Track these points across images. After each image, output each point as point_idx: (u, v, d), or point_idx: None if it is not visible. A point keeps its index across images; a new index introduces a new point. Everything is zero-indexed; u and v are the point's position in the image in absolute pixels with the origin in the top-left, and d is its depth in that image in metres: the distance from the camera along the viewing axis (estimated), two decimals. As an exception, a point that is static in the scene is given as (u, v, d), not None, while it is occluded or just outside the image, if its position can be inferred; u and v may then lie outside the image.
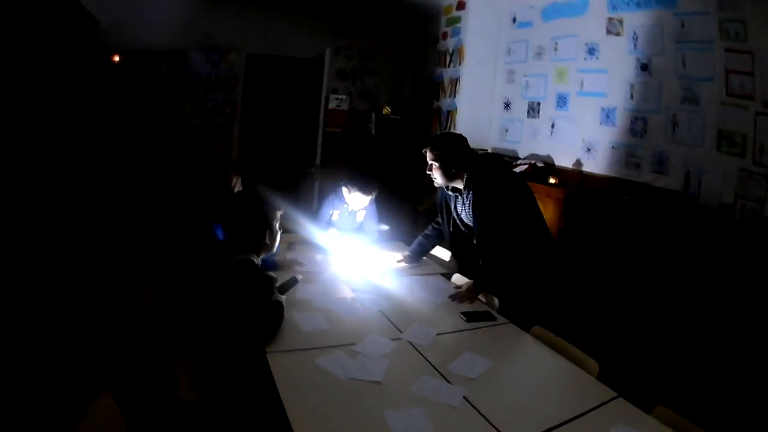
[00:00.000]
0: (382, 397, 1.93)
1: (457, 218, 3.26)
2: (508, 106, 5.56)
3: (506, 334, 2.64)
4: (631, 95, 4.03)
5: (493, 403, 1.93)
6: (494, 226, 2.94)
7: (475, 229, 3.07)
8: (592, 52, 4.41)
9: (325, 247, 3.73)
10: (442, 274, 3.52)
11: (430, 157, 3.10)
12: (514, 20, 5.49)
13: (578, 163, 4.50)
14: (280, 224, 2.51)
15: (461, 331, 2.62)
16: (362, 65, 7.55)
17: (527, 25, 5.28)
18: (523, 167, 4.71)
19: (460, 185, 3.09)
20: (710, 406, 2.82)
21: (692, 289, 3.19)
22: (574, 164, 4.54)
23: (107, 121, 5.94)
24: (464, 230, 3.26)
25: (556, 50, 4.87)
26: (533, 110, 5.14)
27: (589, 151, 4.42)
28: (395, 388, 1.99)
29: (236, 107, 6.97)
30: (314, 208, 5.10)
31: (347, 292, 3.03)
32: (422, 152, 3.15)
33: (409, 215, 6.36)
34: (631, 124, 4.02)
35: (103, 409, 1.66)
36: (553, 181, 4.52)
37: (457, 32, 5.90)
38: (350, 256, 3.63)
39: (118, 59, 6.05)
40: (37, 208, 4.94)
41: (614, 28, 4.18)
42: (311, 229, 3.84)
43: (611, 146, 4.19)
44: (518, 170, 4.66)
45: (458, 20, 5.88)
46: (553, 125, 4.88)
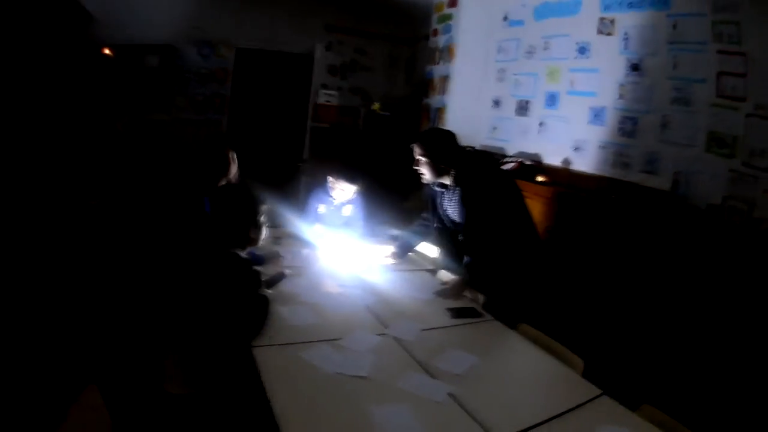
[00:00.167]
0: (367, 391, 1.92)
1: (443, 214, 3.25)
2: (497, 104, 5.54)
3: (491, 330, 2.65)
4: (621, 95, 4.03)
5: (478, 399, 1.93)
6: (481, 221, 2.94)
7: (461, 224, 3.06)
8: (583, 51, 4.41)
9: (311, 241, 3.71)
10: (428, 270, 3.51)
11: (418, 152, 3.07)
12: (505, 18, 5.46)
13: (567, 161, 4.50)
14: (265, 218, 2.49)
15: (447, 327, 2.61)
16: (353, 61, 7.53)
17: (519, 23, 5.26)
18: (511, 165, 4.69)
19: (448, 181, 3.08)
20: (696, 404, 2.82)
21: (679, 288, 3.20)
22: (562, 163, 4.54)
23: (97, 113, 5.88)
24: (451, 226, 3.24)
25: (547, 49, 4.85)
26: (523, 108, 5.13)
27: (577, 150, 4.41)
28: (380, 383, 1.98)
29: (226, 101, 6.93)
30: (301, 202, 5.08)
31: (333, 286, 3.02)
32: (410, 147, 3.13)
33: (396, 212, 6.34)
34: (620, 123, 4.02)
35: (88, 402, 1.64)
36: (541, 179, 4.51)
37: (447, 29, 5.89)
38: (337, 251, 3.61)
39: (109, 52, 6.00)
40: (24, 200, 4.88)
41: (606, 28, 4.17)
42: (298, 223, 3.82)
43: (600, 145, 4.19)
44: (506, 168, 4.65)
45: (449, 17, 5.86)
46: (542, 124, 4.87)
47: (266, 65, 7.18)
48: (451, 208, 3.15)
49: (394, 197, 6.24)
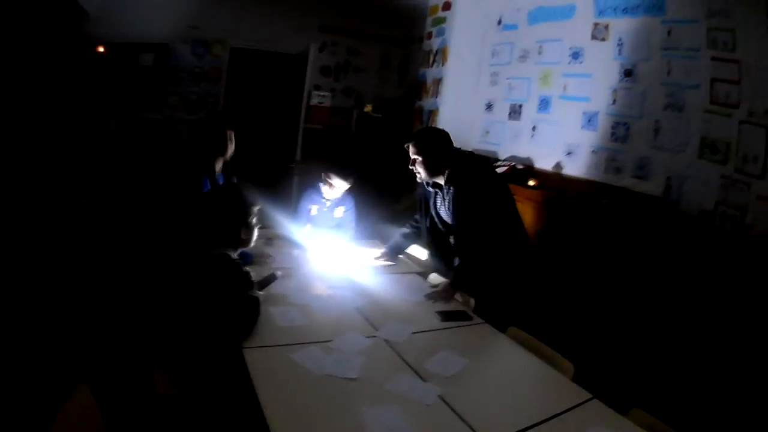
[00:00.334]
0: (357, 394, 1.91)
1: (435, 215, 3.24)
2: (490, 107, 5.54)
3: (482, 334, 2.64)
4: (614, 100, 4.04)
5: (468, 402, 1.92)
6: (472, 222, 2.93)
7: (453, 225, 3.06)
8: (576, 56, 4.42)
9: (302, 243, 3.69)
10: (418, 273, 3.50)
11: (413, 151, 3.06)
12: (499, 22, 5.46)
13: (559, 166, 4.50)
14: (257, 219, 2.48)
15: (437, 330, 2.60)
16: (347, 62, 7.52)
17: (513, 27, 5.26)
18: (503, 169, 4.69)
19: (441, 180, 3.07)
20: (687, 408, 2.83)
21: (670, 293, 3.21)
22: (554, 167, 4.54)
23: (90, 111, 5.85)
24: (442, 228, 3.23)
25: (540, 53, 4.86)
26: (515, 112, 5.13)
27: (569, 154, 4.42)
28: (370, 385, 1.98)
29: (219, 100, 6.90)
30: (293, 203, 5.06)
31: (324, 288, 3.00)
32: (405, 146, 3.12)
33: (387, 214, 6.32)
34: (612, 129, 4.03)
35: (80, 401, 1.64)
36: (532, 183, 4.52)
37: (441, 32, 5.89)
38: (327, 252, 3.59)
39: (103, 50, 5.97)
40: (15, 198, 4.84)
41: (600, 33, 4.18)
42: (289, 225, 3.80)
43: (592, 150, 4.20)
44: (498, 171, 4.65)
45: (444, 20, 5.86)
46: (534, 128, 4.88)
47: (260, 65, 7.15)
48: (443, 208, 3.14)
49: (385, 199, 6.23)
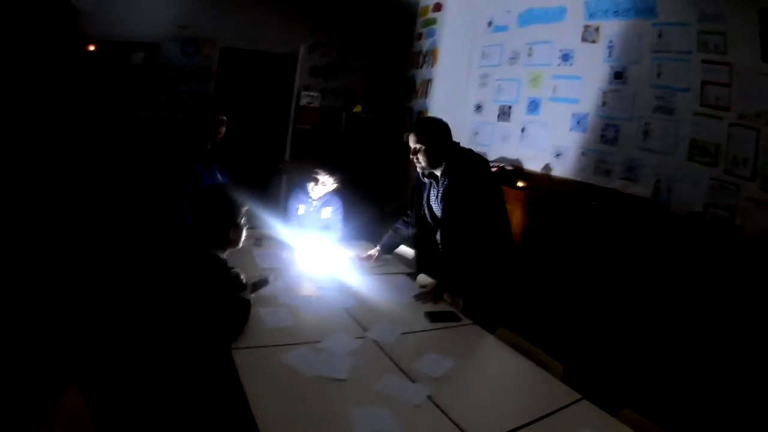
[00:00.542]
0: (346, 394, 1.90)
1: (426, 209, 3.22)
2: (479, 109, 5.54)
3: (470, 335, 2.63)
4: (603, 102, 4.05)
5: (456, 402, 1.91)
6: (460, 216, 2.92)
7: (440, 218, 3.05)
8: (566, 58, 4.43)
9: (290, 243, 3.67)
10: (407, 273, 3.48)
11: (414, 140, 3.03)
12: (489, 24, 5.47)
13: (548, 167, 4.51)
14: (245, 220, 2.47)
15: (426, 330, 2.58)
16: (337, 63, 7.50)
17: (503, 29, 5.27)
18: (492, 170, 4.69)
19: (438, 172, 3.06)
20: (676, 409, 2.84)
21: (659, 294, 3.22)
22: (543, 169, 4.54)
23: (80, 109, 5.80)
24: (430, 221, 3.22)
25: (530, 55, 4.86)
26: (504, 114, 5.13)
27: (558, 156, 4.42)
28: (359, 385, 1.97)
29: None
30: (282, 204, 5.04)
31: (312, 289, 2.98)
32: (405, 137, 3.11)
33: (376, 215, 6.32)
34: (602, 131, 4.04)
35: (69, 403, 1.63)
36: (521, 184, 4.52)
37: (432, 34, 5.90)
38: (315, 253, 3.57)
39: (93, 48, 5.92)
40: (3, 198, 4.80)
41: (590, 35, 4.20)
42: (277, 225, 3.78)
43: (581, 152, 4.21)
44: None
45: (434, 22, 5.87)
46: (523, 129, 4.88)
47: (250, 65, 7.11)
48: (435, 202, 3.13)
49: (374, 200, 6.23)
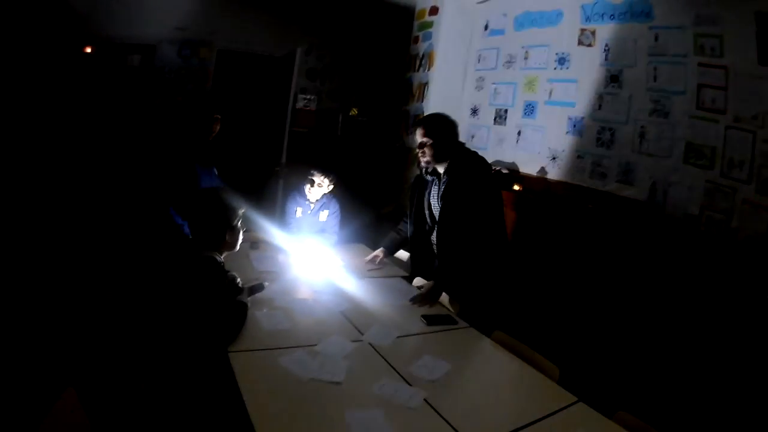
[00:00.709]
0: (342, 397, 1.90)
1: (426, 207, 3.22)
2: (475, 112, 5.55)
3: (467, 337, 2.63)
4: (599, 106, 4.06)
5: (453, 405, 1.91)
6: (459, 216, 2.92)
7: (438, 217, 3.05)
8: (562, 62, 4.44)
9: (286, 247, 3.67)
10: (403, 276, 3.48)
11: (421, 133, 3.03)
12: (486, 27, 5.49)
13: (543, 171, 4.51)
14: (242, 223, 2.47)
15: (422, 333, 2.58)
16: (333, 65, 7.50)
17: (499, 33, 5.28)
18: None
19: (441, 169, 3.06)
20: (672, 411, 2.84)
21: (655, 296, 3.22)
22: (539, 172, 4.54)
23: (77, 111, 5.79)
24: (428, 220, 3.22)
25: (526, 59, 4.87)
26: (500, 117, 5.14)
27: (554, 159, 4.43)
28: (356, 389, 1.97)
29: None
30: (278, 207, 5.04)
31: (309, 292, 2.98)
32: (411, 131, 3.11)
33: (372, 217, 6.31)
34: (598, 134, 4.05)
35: (66, 405, 1.63)
36: (517, 188, 4.52)
37: (428, 37, 5.89)
38: (311, 257, 3.57)
39: (90, 50, 5.92)
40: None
41: (586, 39, 4.21)
42: (273, 228, 3.78)
43: (577, 155, 4.21)
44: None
45: (430, 25, 5.86)
46: (519, 133, 4.88)
47: (247, 67, 7.11)
48: (435, 201, 3.13)
49: (370, 203, 6.23)
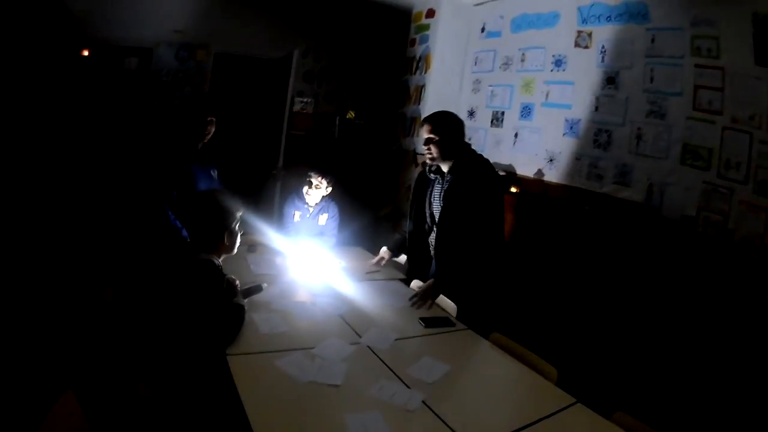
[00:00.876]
0: (341, 400, 1.91)
1: (427, 206, 3.22)
2: (472, 114, 5.54)
3: (465, 340, 2.64)
4: (596, 107, 4.05)
5: (451, 407, 1.92)
6: (459, 217, 2.93)
7: (438, 216, 3.06)
8: (559, 64, 4.44)
9: (284, 250, 3.67)
10: (401, 279, 3.48)
11: (428, 129, 3.04)
12: (482, 30, 5.49)
13: (540, 173, 4.51)
14: (239, 225, 2.47)
15: (420, 336, 2.58)
16: (330, 68, 7.50)
17: (496, 35, 5.28)
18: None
19: (446, 168, 3.07)
20: (671, 412, 2.84)
21: (652, 297, 3.22)
22: (536, 174, 4.54)
23: (74, 113, 5.79)
24: (428, 219, 3.22)
25: (523, 61, 4.87)
26: (497, 119, 5.14)
27: (551, 161, 4.43)
28: (354, 391, 1.97)
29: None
30: (276, 210, 5.04)
31: (307, 295, 2.99)
32: (419, 126, 3.11)
33: (369, 220, 6.32)
34: (594, 135, 4.04)
35: (65, 408, 1.64)
36: (514, 190, 4.52)
37: (425, 39, 5.90)
38: (309, 259, 3.57)
39: (87, 53, 5.92)
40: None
41: (583, 41, 4.21)
42: (270, 231, 3.78)
43: (574, 157, 4.21)
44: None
45: (427, 28, 5.87)
46: (516, 135, 4.88)
47: (244, 70, 7.10)
48: (437, 200, 3.13)
49: (368, 206, 6.23)
